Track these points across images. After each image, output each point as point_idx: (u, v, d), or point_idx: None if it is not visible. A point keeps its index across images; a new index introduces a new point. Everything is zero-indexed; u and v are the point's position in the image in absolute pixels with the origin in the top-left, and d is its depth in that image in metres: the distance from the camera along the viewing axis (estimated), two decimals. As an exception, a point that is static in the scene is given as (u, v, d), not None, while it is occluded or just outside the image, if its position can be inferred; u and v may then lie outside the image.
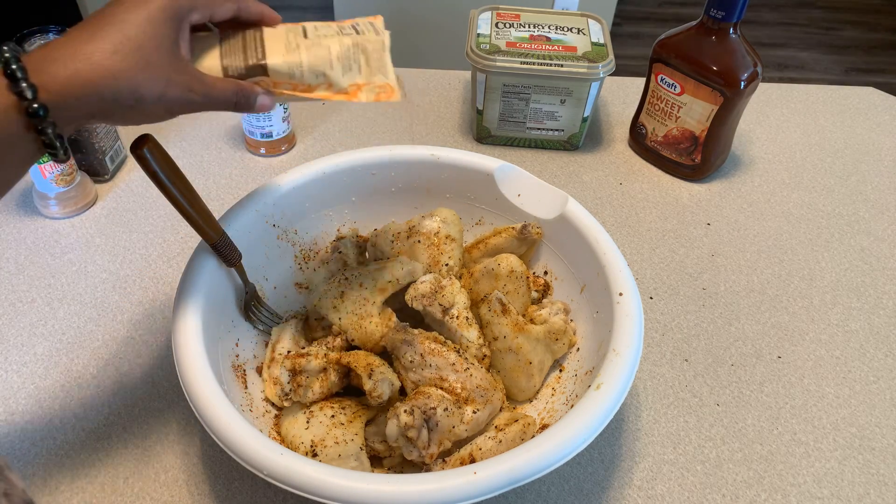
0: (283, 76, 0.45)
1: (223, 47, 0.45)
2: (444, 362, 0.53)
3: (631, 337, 0.50)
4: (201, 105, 0.41)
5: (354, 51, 0.46)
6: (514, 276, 0.60)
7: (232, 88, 0.43)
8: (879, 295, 0.72)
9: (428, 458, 0.50)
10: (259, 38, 0.45)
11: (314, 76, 0.45)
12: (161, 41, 0.38)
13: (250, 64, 0.44)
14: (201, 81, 0.41)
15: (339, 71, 0.45)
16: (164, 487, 0.54)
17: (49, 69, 0.35)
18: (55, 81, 0.35)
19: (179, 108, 0.41)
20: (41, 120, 0.35)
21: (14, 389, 0.60)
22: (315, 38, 0.46)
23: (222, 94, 0.42)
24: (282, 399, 0.54)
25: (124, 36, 0.37)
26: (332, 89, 0.46)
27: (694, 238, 0.78)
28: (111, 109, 0.38)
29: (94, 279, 0.69)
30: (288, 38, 0.45)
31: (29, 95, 0.34)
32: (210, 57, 0.44)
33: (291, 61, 0.44)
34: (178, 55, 0.40)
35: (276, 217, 0.61)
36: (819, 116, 0.97)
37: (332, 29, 0.47)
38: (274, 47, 0.45)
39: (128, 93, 0.37)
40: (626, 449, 0.58)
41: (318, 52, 0.45)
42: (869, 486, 0.56)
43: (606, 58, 0.81)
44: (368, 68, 0.47)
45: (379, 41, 0.47)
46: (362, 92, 0.46)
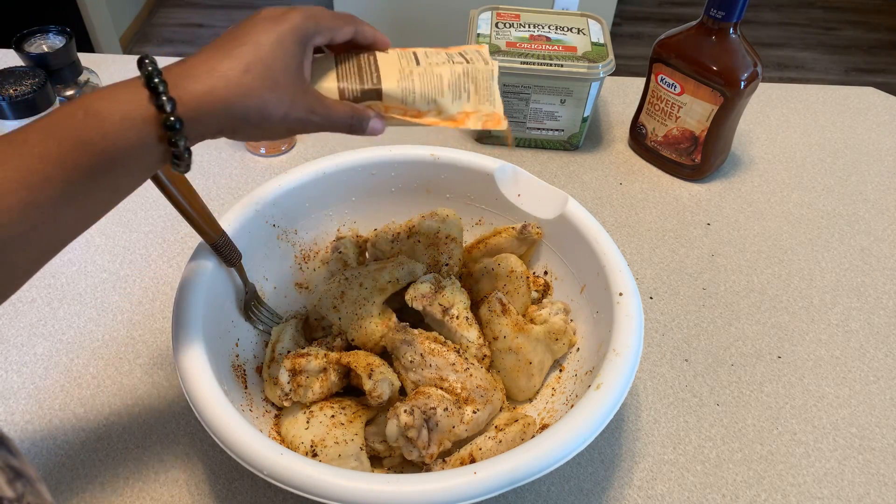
0: (396, 101, 0.46)
1: (339, 70, 0.46)
2: (444, 362, 0.53)
3: (631, 337, 0.50)
4: (319, 126, 0.43)
5: (464, 79, 0.47)
6: (514, 276, 0.60)
7: (349, 112, 0.44)
8: (879, 295, 0.72)
9: (428, 458, 0.50)
10: (373, 62, 0.46)
11: (425, 103, 0.46)
12: (288, 63, 0.40)
13: (366, 88, 0.45)
14: (322, 104, 0.43)
15: (449, 98, 0.47)
16: (164, 487, 0.54)
17: (186, 85, 0.37)
18: (191, 97, 0.37)
19: (300, 127, 0.42)
20: (176, 132, 0.36)
21: (14, 389, 0.60)
22: (427, 65, 0.47)
23: (340, 116, 0.44)
24: (282, 399, 0.54)
25: (256, 56, 0.39)
26: (441, 115, 0.47)
27: (694, 238, 0.78)
28: (238, 126, 0.39)
29: (94, 279, 0.69)
30: (401, 63, 0.47)
31: (168, 109, 0.36)
32: (328, 79, 0.45)
33: (405, 87, 0.46)
34: (301, 77, 0.42)
35: (276, 217, 0.61)
36: (819, 116, 0.97)
37: (441, 56, 0.48)
38: (388, 72, 0.46)
39: (256, 111, 0.39)
40: (626, 449, 0.58)
41: (431, 79, 0.46)
42: (869, 486, 0.56)
43: (606, 58, 0.81)
44: (477, 96, 0.48)
45: (488, 70, 0.48)
46: (470, 119, 0.47)
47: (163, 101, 0.36)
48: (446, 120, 0.47)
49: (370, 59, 0.47)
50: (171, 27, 2.68)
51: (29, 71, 0.69)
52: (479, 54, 0.49)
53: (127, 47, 2.51)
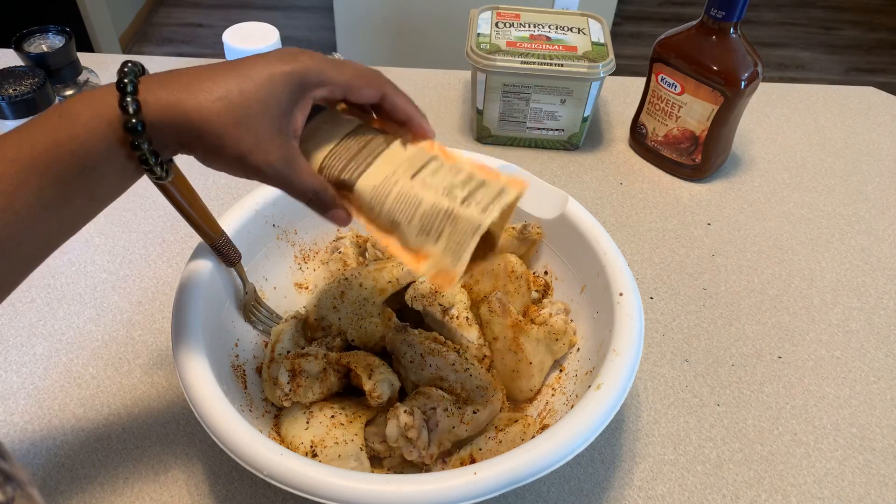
0: (365, 204, 0.42)
1: (341, 143, 0.43)
2: (444, 362, 0.53)
3: (631, 337, 0.50)
4: (279, 185, 0.41)
5: (443, 219, 0.40)
6: (514, 276, 0.60)
7: (314, 187, 0.41)
8: (880, 295, 0.72)
9: (428, 458, 0.50)
10: (377, 152, 0.43)
11: (389, 221, 0.42)
12: (268, 104, 0.38)
13: (342, 177, 0.42)
14: (290, 164, 0.40)
15: (414, 230, 0.41)
16: (164, 487, 0.54)
17: (157, 91, 0.36)
18: (158, 103, 0.36)
19: (255, 175, 0.40)
20: (137, 136, 0.36)
21: (14, 389, 0.60)
22: (420, 182, 0.41)
23: (302, 185, 0.41)
24: (282, 399, 0.53)
25: (238, 87, 0.38)
26: (401, 242, 0.42)
27: (694, 238, 0.77)
28: (194, 145, 0.38)
29: (93, 279, 0.69)
30: (398, 168, 0.42)
31: (130, 110, 0.35)
32: (321, 148, 0.43)
33: (375, 196, 0.41)
34: (281, 125, 0.39)
35: (276, 217, 0.61)
36: (819, 116, 0.96)
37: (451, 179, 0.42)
38: (377, 171, 0.42)
39: (213, 138, 0.38)
40: (626, 449, 0.58)
41: (406, 200, 0.41)
42: (869, 486, 0.56)
43: (607, 57, 0.81)
44: (446, 243, 0.40)
45: (474, 223, 0.40)
46: (425, 263, 0.41)
47: (126, 101, 0.35)
48: (405, 250, 0.42)
49: (376, 148, 0.43)
50: (171, 27, 2.68)
51: (29, 71, 0.69)
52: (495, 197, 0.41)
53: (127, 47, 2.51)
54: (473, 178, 0.42)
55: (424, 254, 0.41)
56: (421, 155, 0.43)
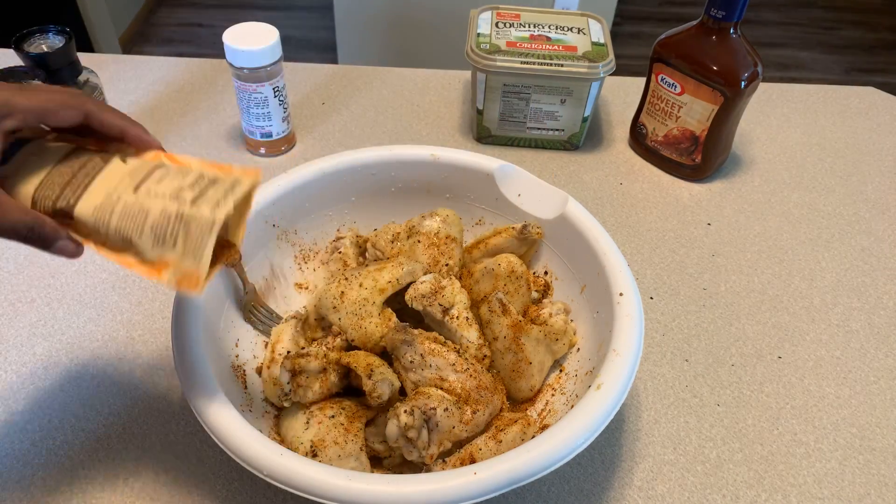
0: (90, 229, 0.40)
1: (53, 172, 0.40)
2: (444, 362, 0.53)
3: (631, 337, 0.50)
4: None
5: (175, 223, 0.40)
6: (514, 276, 0.60)
7: (27, 222, 0.38)
8: (880, 295, 0.72)
9: (428, 458, 0.50)
10: (94, 173, 0.41)
11: (120, 239, 0.40)
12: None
13: (58, 206, 0.39)
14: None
15: (148, 241, 0.40)
16: (164, 487, 0.54)
17: None
18: None
19: None
20: None
21: (14, 389, 0.60)
22: (145, 193, 0.40)
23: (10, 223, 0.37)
24: (282, 399, 0.53)
25: None
26: (138, 258, 0.40)
27: (694, 238, 0.77)
28: None
29: (93, 279, 0.69)
30: (119, 185, 0.40)
31: None
32: (29, 181, 0.40)
33: (100, 217, 0.39)
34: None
35: (276, 217, 0.61)
36: (819, 116, 0.96)
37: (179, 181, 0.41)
38: (95, 193, 0.40)
39: None
40: (626, 449, 0.58)
41: (134, 213, 0.39)
42: (869, 486, 0.56)
43: (607, 57, 0.81)
44: (184, 246, 0.40)
45: (208, 221, 0.40)
46: (166, 272, 0.40)
47: None
48: (144, 265, 0.40)
49: (94, 168, 0.41)
50: (171, 27, 2.68)
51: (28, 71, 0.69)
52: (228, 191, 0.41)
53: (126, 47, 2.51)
54: (204, 176, 0.42)
55: (163, 263, 0.40)
56: (144, 166, 0.42)
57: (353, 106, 0.94)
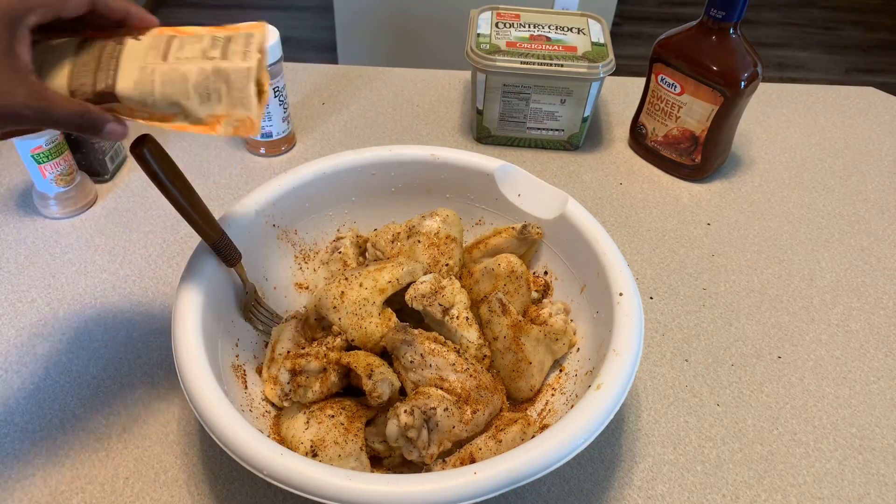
0: (136, 103, 0.41)
1: (76, 63, 0.41)
2: (444, 362, 0.53)
3: (631, 337, 0.50)
4: (36, 122, 0.38)
5: (215, 79, 0.42)
6: (514, 276, 0.60)
7: (77, 110, 0.39)
8: (879, 295, 0.72)
9: (428, 458, 0.50)
10: (117, 55, 0.42)
11: (168, 105, 0.42)
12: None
13: (99, 90, 0.41)
14: (40, 97, 0.38)
15: (195, 101, 0.42)
16: (164, 487, 0.54)
17: None
18: None
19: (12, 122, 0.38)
20: None
21: (14, 389, 0.60)
22: (175, 60, 0.42)
23: (63, 114, 0.39)
24: (282, 399, 0.53)
25: None
26: (189, 119, 0.42)
27: (694, 238, 0.78)
28: None
29: (94, 279, 0.69)
30: (147, 58, 0.42)
31: None
32: (58, 75, 0.41)
33: (144, 89, 0.41)
34: (13, 64, 0.37)
35: (276, 217, 0.61)
36: (819, 116, 0.97)
37: (199, 45, 0.43)
38: (128, 70, 0.41)
39: None
40: (626, 449, 0.58)
41: (174, 79, 0.41)
42: (869, 486, 0.56)
43: (606, 58, 0.81)
44: (230, 98, 0.42)
45: (244, 69, 0.42)
46: (220, 125, 0.43)
47: None
48: (195, 125, 0.42)
49: (114, 51, 0.42)
50: (171, 27, 2.67)
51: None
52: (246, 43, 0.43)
53: (127, 47, 2.51)
54: (217, 37, 0.44)
55: (214, 119, 0.42)
56: (158, 40, 0.43)
57: (353, 106, 0.94)
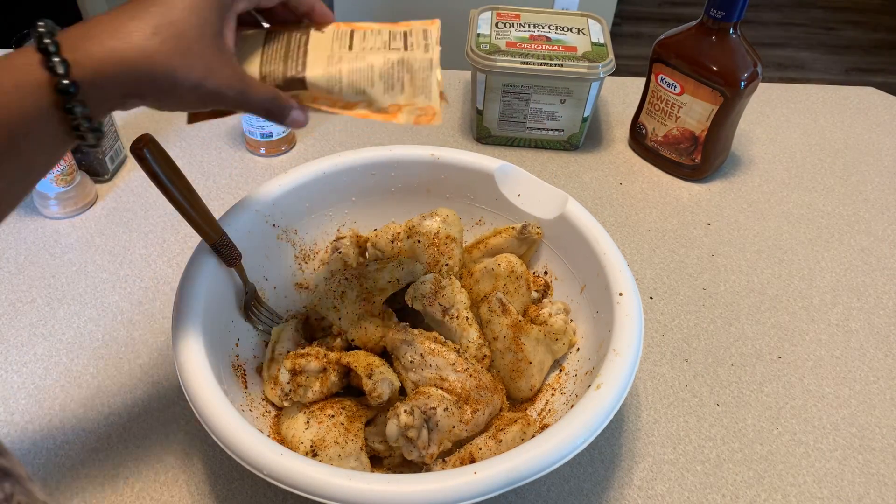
0: (322, 91, 0.43)
1: (265, 51, 0.43)
2: (444, 362, 0.53)
3: (631, 337, 0.50)
4: (236, 103, 0.40)
5: (399, 68, 0.44)
6: (514, 276, 0.60)
7: (269, 95, 0.41)
8: (879, 295, 0.72)
9: (428, 458, 0.50)
10: (304, 44, 0.44)
11: (354, 93, 0.43)
12: (204, 29, 0.37)
13: (289, 76, 0.43)
14: (241, 80, 0.40)
15: (380, 89, 0.43)
16: (164, 487, 0.54)
17: (84, 46, 0.34)
18: (90, 58, 0.34)
19: (215, 100, 0.39)
20: (71, 97, 0.33)
21: (14, 389, 0.60)
22: (360, 50, 0.44)
23: (258, 98, 0.41)
24: (282, 399, 0.54)
25: (167, 19, 0.36)
26: (371, 107, 0.44)
27: (694, 238, 0.78)
28: (146, 91, 0.36)
29: (94, 279, 0.69)
30: (333, 47, 0.44)
31: (60, 71, 0.33)
32: (251, 62, 0.43)
33: (331, 76, 0.43)
34: (220, 46, 0.38)
35: (276, 217, 0.61)
36: (819, 116, 0.97)
37: (381, 38, 0.45)
38: (316, 58, 0.43)
39: (164, 76, 0.36)
40: (626, 449, 0.58)
41: (360, 67, 0.43)
42: (869, 486, 0.56)
43: (606, 58, 0.81)
44: (412, 88, 0.44)
45: (426, 60, 0.44)
46: (402, 113, 0.44)
47: (54, 62, 0.33)
48: (377, 112, 0.44)
49: (300, 41, 0.44)
50: (171, 27, 2.67)
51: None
52: (424, 36, 0.46)
53: (127, 47, 2.51)
54: (396, 31, 0.46)
55: (396, 107, 0.44)
56: (341, 32, 0.45)
57: (353, 106, 0.94)
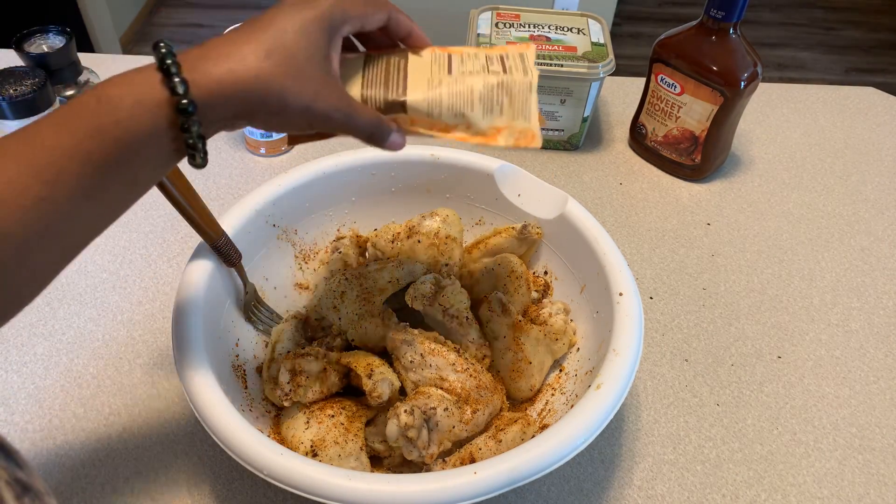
0: (422, 114, 0.43)
1: (366, 74, 0.44)
2: (444, 362, 0.53)
3: (631, 337, 0.50)
4: (341, 126, 0.41)
5: (499, 91, 0.44)
6: (514, 276, 0.60)
7: (373, 119, 0.42)
8: (879, 295, 0.72)
9: (428, 458, 0.50)
10: (403, 68, 0.44)
11: (453, 116, 0.43)
12: (313, 52, 0.38)
13: (390, 99, 0.43)
14: (348, 103, 0.40)
15: (479, 112, 0.43)
16: (164, 487, 0.54)
17: (202, 67, 0.35)
18: (208, 79, 0.35)
19: (321, 123, 0.40)
20: (189, 117, 0.34)
21: (14, 389, 0.60)
22: (459, 73, 0.44)
23: (363, 122, 0.41)
24: (282, 399, 0.54)
25: (279, 42, 0.37)
26: (470, 130, 0.44)
27: (694, 238, 0.78)
28: (256, 111, 0.37)
29: (93, 279, 0.69)
30: (432, 71, 0.44)
31: (181, 91, 0.34)
32: (352, 85, 0.43)
33: (431, 99, 0.43)
34: (328, 69, 0.40)
35: (276, 217, 0.61)
36: (819, 116, 0.97)
37: (479, 61, 0.45)
38: (416, 82, 0.43)
39: (276, 97, 0.37)
40: (626, 449, 0.58)
41: (460, 90, 0.43)
42: (869, 486, 0.56)
43: (606, 58, 0.81)
44: (511, 110, 0.44)
45: (526, 83, 0.44)
46: (501, 135, 0.44)
47: (175, 82, 0.34)
48: (476, 135, 0.44)
49: (400, 65, 0.44)
50: (171, 27, 2.68)
51: (29, 71, 0.70)
52: (521, 60, 0.46)
53: (127, 47, 2.51)
54: (492, 55, 0.46)
55: (494, 130, 0.44)
56: (439, 56, 0.45)
57: (353, 106, 0.94)
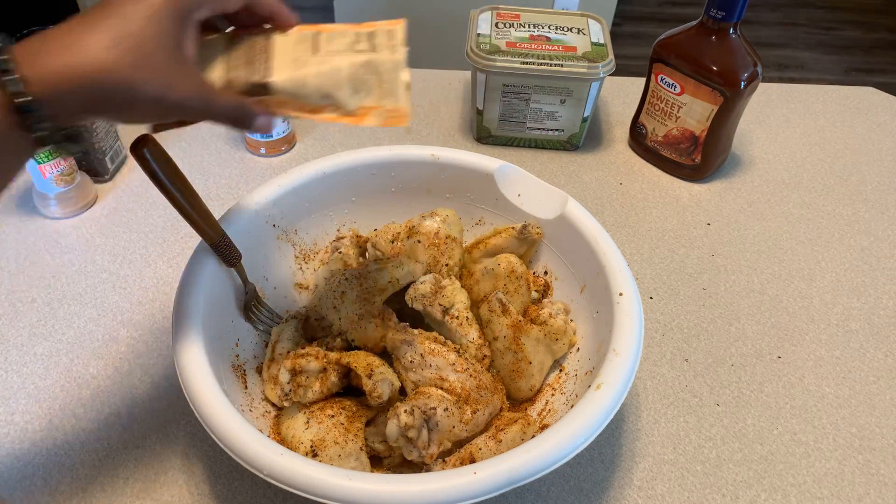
0: (288, 95, 0.42)
1: (229, 57, 0.43)
2: (444, 362, 0.53)
3: (631, 337, 0.50)
4: (198, 114, 0.40)
5: (366, 71, 0.43)
6: (514, 276, 0.60)
7: (234, 103, 0.41)
8: (879, 295, 0.72)
9: (428, 458, 0.50)
10: (267, 49, 0.43)
11: (321, 97, 0.43)
12: (163, 40, 0.36)
13: (254, 81, 0.42)
14: (204, 90, 0.39)
15: (347, 93, 0.43)
16: (164, 487, 0.54)
17: (42, 61, 0.33)
18: (48, 73, 0.33)
19: (175, 113, 0.39)
20: (30, 115, 0.33)
21: (14, 389, 0.60)
22: (325, 53, 0.43)
23: (223, 107, 0.40)
24: (282, 399, 0.54)
25: (125, 30, 0.35)
26: (339, 111, 0.43)
27: (694, 238, 0.78)
28: (105, 106, 0.36)
29: (94, 279, 0.69)
30: (297, 51, 0.43)
31: (13, 90, 0.32)
32: (215, 67, 0.42)
33: (297, 81, 0.42)
34: (181, 57, 0.38)
35: (276, 217, 0.61)
36: (819, 116, 0.97)
37: (345, 39, 0.44)
38: (280, 63, 0.42)
39: (123, 90, 0.35)
40: (626, 449, 0.58)
41: (326, 71, 0.42)
42: (869, 486, 0.56)
43: (606, 58, 0.81)
44: (380, 90, 0.43)
45: (393, 61, 0.44)
46: (370, 116, 0.43)
47: (5, 81, 0.32)
48: (345, 116, 0.43)
49: (264, 46, 0.43)
50: (171, 27, 2.67)
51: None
52: (389, 36, 0.45)
53: (127, 47, 2.51)
54: (360, 33, 0.45)
55: (363, 110, 0.43)
56: (305, 36, 0.44)
57: (353, 106, 0.94)
